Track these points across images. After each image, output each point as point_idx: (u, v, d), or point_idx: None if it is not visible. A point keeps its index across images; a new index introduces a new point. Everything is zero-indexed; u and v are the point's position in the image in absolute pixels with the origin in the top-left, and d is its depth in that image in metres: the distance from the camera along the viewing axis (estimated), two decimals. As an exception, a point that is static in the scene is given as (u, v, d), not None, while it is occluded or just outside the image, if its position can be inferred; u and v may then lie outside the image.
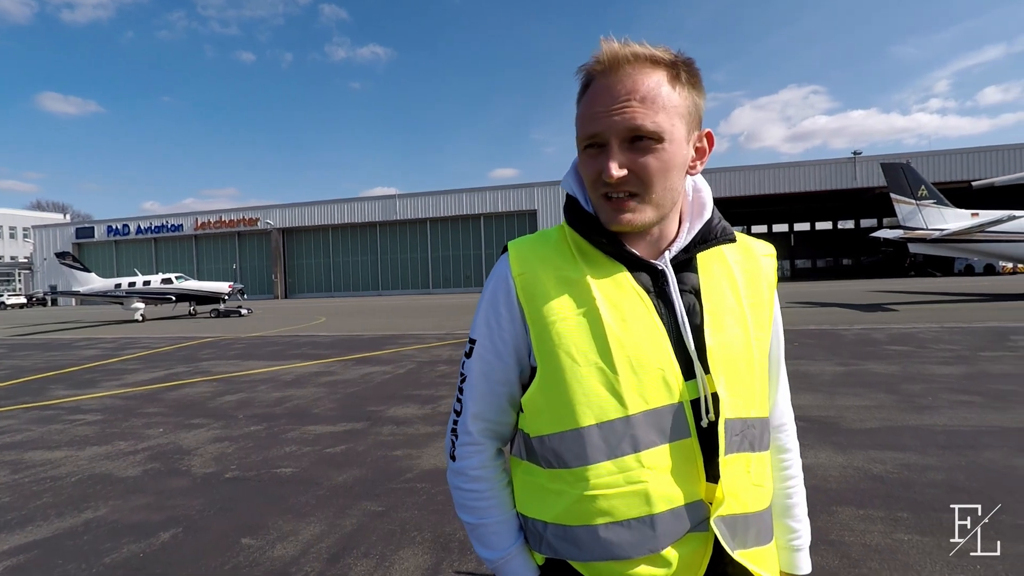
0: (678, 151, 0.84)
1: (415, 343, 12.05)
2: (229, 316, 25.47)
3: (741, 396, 0.87)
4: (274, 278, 55.89)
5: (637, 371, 0.83)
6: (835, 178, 43.99)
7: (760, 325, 0.92)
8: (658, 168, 0.82)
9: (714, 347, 0.85)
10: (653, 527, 0.82)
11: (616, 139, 0.81)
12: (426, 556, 2.83)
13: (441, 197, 52.19)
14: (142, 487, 4.02)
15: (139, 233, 59.79)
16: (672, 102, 0.82)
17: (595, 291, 0.86)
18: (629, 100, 0.80)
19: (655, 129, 0.80)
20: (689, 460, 0.84)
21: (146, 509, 3.61)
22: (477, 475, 0.94)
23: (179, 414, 6.24)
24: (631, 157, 0.81)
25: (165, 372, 9.43)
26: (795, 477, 1.04)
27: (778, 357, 0.99)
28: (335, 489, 3.80)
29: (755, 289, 0.93)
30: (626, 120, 0.80)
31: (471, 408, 0.95)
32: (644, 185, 0.83)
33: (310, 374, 8.60)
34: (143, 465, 4.51)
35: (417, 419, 5.58)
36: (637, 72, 0.81)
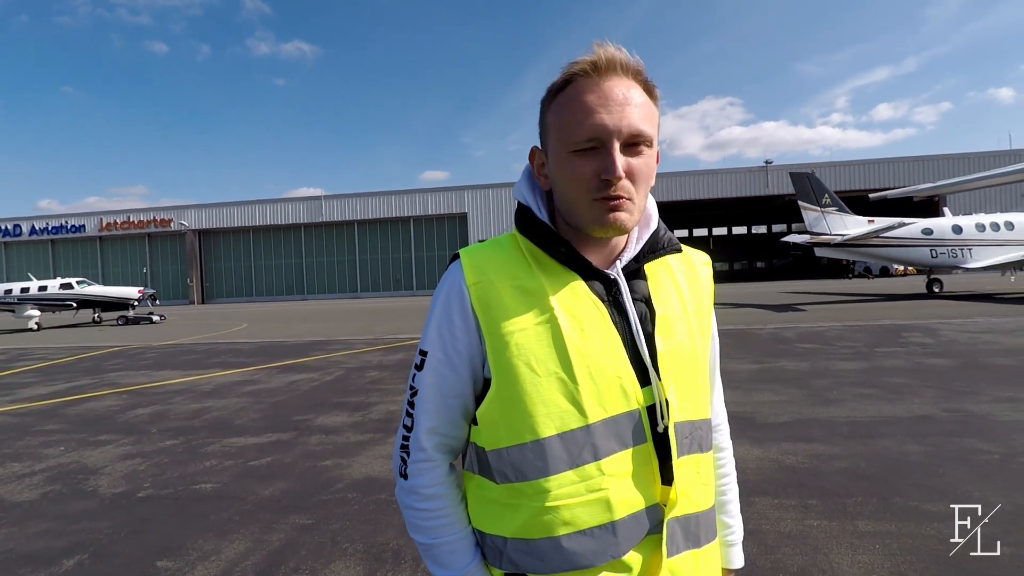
0: (655, 159, 0.89)
1: (343, 349, 11.73)
2: (139, 323, 23.84)
3: (689, 400, 0.90)
4: (190, 282, 52.72)
5: (596, 380, 0.83)
6: (749, 185, 46.75)
7: (702, 331, 0.97)
8: (647, 172, 0.86)
9: (664, 353, 0.88)
10: (615, 533, 0.83)
11: (619, 140, 0.82)
12: (359, 568, 2.77)
13: (370, 199, 51.10)
14: (41, 511, 3.70)
15: (33, 234, 54.78)
16: (652, 112, 0.86)
17: (553, 301, 0.85)
18: (628, 104, 0.82)
19: (650, 134, 0.84)
20: (646, 464, 0.86)
21: (46, 535, 3.32)
22: (431, 493, 0.91)
23: (83, 430, 5.77)
24: (626, 159, 0.83)
25: (66, 385, 8.69)
26: (730, 475, 1.10)
27: (715, 361, 1.05)
28: (261, 504, 3.64)
29: (696, 297, 0.98)
30: (630, 122, 0.81)
31: (425, 423, 0.91)
32: (635, 187, 0.84)
33: (231, 383, 8.19)
34: (41, 488, 4.14)
35: (347, 427, 5.44)
36: (627, 79, 0.84)
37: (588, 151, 0.83)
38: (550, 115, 0.88)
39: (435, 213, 50.15)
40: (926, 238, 20.55)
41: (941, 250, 20.42)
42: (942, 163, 43.83)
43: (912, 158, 45.43)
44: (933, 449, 4.05)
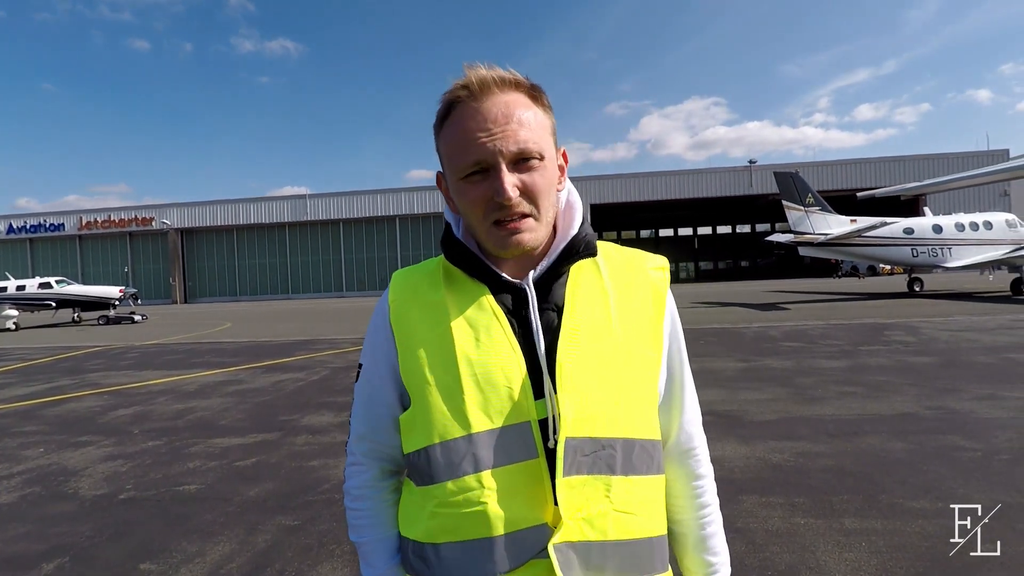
0: (553, 168, 0.88)
1: (329, 348, 11.64)
2: (120, 323, 23.47)
3: (595, 415, 0.82)
4: (172, 282, 52.00)
5: (484, 390, 0.82)
6: (734, 185, 47.17)
7: (639, 342, 0.89)
8: (544, 186, 0.84)
9: (563, 364, 0.83)
10: (491, 550, 0.80)
11: (504, 161, 0.81)
12: (346, 570, 2.75)
13: (355, 198, 50.77)
14: (19, 515, 3.62)
15: (11, 233, 53.72)
16: (540, 121, 0.85)
17: (452, 313, 0.87)
18: (508, 122, 0.81)
19: (538, 149, 0.83)
20: (535, 482, 0.80)
21: (25, 539, 3.26)
22: (358, 495, 0.97)
23: (63, 432, 5.66)
24: (518, 178, 0.82)
25: (45, 386, 8.53)
26: (709, 505, 0.98)
27: (679, 377, 0.96)
28: (246, 505, 3.59)
29: (634, 304, 0.91)
30: (511, 141, 0.81)
31: (356, 430, 0.98)
32: (535, 204, 0.84)
33: (215, 383, 8.09)
34: (20, 490, 4.06)
35: (333, 427, 5.39)
36: (507, 95, 0.83)
37: (477, 176, 0.83)
38: (440, 144, 0.88)
39: (420, 212, 49.94)
40: (907, 237, 20.88)
41: (922, 249, 20.75)
42: (923, 163, 44.60)
43: (893, 158, 46.17)
44: (916, 447, 4.10)
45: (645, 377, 0.88)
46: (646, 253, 0.99)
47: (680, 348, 0.96)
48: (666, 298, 0.94)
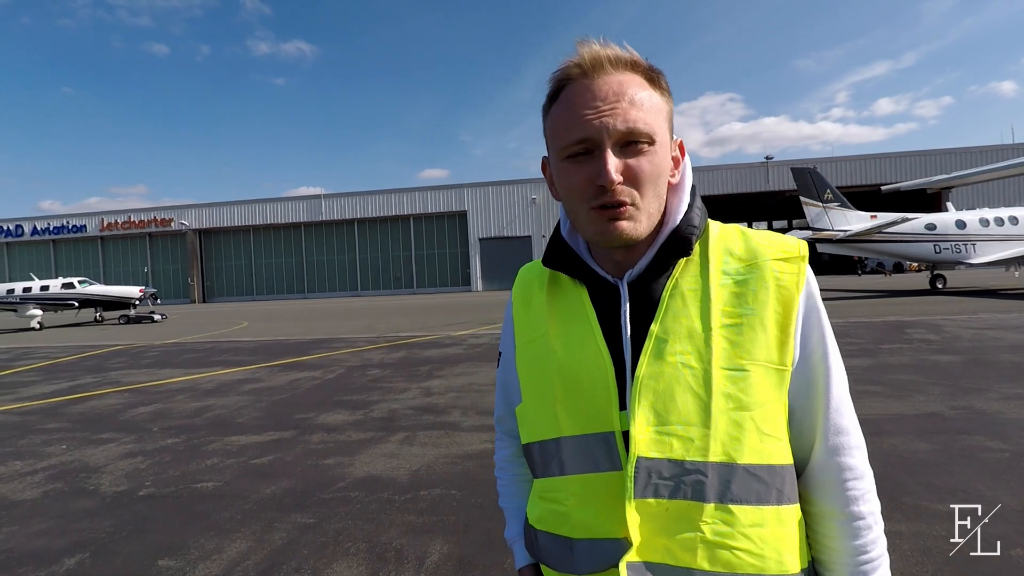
0: (666, 156, 0.81)
1: (345, 347, 11.71)
2: (141, 322, 23.82)
3: (675, 435, 0.75)
4: (191, 281, 52.72)
5: (572, 395, 0.82)
6: (750, 181, 46.60)
7: (750, 352, 0.77)
8: (651, 172, 0.78)
9: (641, 377, 0.77)
10: (572, 550, 0.81)
11: (610, 141, 0.76)
12: (361, 568, 2.74)
13: (369, 197, 51.03)
14: (42, 510, 3.67)
15: (35, 234, 54.80)
16: (656, 105, 0.79)
17: (551, 315, 0.88)
18: (619, 101, 0.76)
19: (648, 131, 0.77)
20: (615, 494, 0.77)
21: (47, 534, 3.30)
22: (500, 467, 1.10)
23: (85, 429, 5.75)
24: (624, 161, 0.77)
25: (69, 384, 8.67)
26: (868, 553, 0.78)
27: (819, 391, 0.80)
28: (262, 502, 3.61)
29: (747, 307, 0.79)
30: (619, 121, 0.75)
31: (496, 410, 1.08)
32: (638, 191, 0.78)
33: (233, 382, 8.17)
34: (43, 486, 4.12)
35: (349, 425, 5.41)
36: (619, 74, 0.78)
37: (580, 157, 0.79)
38: (546, 124, 0.84)
39: (435, 211, 50.06)
40: (929, 233, 20.46)
41: (944, 245, 20.33)
42: (945, 157, 43.69)
43: (914, 152, 45.26)
44: (941, 447, 4.00)
45: (758, 392, 0.76)
46: (778, 240, 0.83)
47: (823, 356, 0.80)
48: (798, 298, 0.80)
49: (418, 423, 5.36)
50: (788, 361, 0.78)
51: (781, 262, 0.81)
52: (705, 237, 0.85)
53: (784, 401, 0.79)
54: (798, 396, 0.80)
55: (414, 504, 3.47)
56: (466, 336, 12.72)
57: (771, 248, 0.83)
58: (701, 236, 0.85)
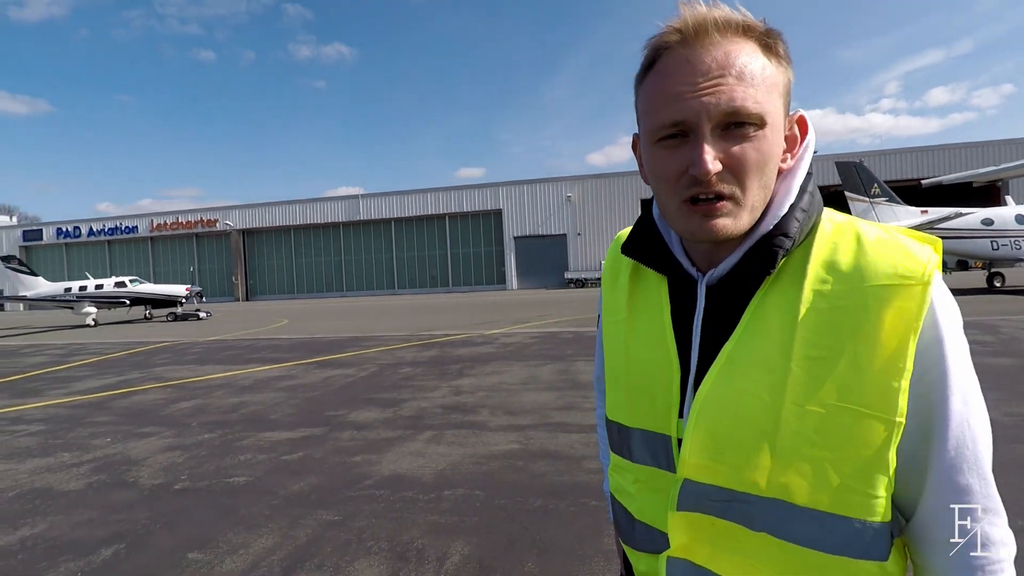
0: (777, 139, 0.69)
1: (378, 345, 11.86)
2: (187, 320, 24.68)
3: (728, 465, 0.70)
4: (235, 280, 54.43)
5: (637, 391, 0.81)
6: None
7: (826, 392, 0.66)
8: (757, 161, 0.67)
9: (703, 400, 0.72)
10: (633, 528, 0.85)
11: (709, 124, 0.65)
12: (383, 567, 2.75)
13: (406, 197, 51.67)
14: (85, 501, 3.82)
15: (91, 235, 57.49)
16: (770, 78, 0.67)
17: (630, 302, 0.86)
18: (724, 75, 0.64)
19: (757, 111, 0.65)
20: (667, 491, 0.77)
21: (88, 524, 3.43)
22: (598, 424, 1.12)
23: (129, 423, 5.97)
24: (724, 147, 0.66)
25: (116, 379, 9.04)
26: None
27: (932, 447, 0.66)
28: (290, 498, 3.67)
29: (835, 340, 0.66)
30: (723, 100, 0.64)
31: (595, 370, 1.10)
32: (739, 183, 0.67)
33: (269, 378, 8.37)
34: (87, 477, 4.29)
35: (378, 423, 5.46)
36: (728, 42, 0.66)
37: (673, 140, 0.68)
38: (639, 99, 0.73)
39: (470, 210, 50.34)
40: (986, 229, 19.43)
41: (1003, 241, 19.28)
42: (1003, 148, 41.44)
43: (969, 144, 43.08)
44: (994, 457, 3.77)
45: (841, 437, 0.65)
46: (901, 254, 0.67)
47: (942, 404, 0.65)
48: (911, 334, 0.64)
49: (446, 422, 5.38)
50: (893, 410, 0.64)
51: (891, 288, 0.65)
52: (810, 241, 0.71)
53: (888, 454, 0.65)
54: (909, 446, 0.67)
55: (437, 504, 3.47)
56: (498, 335, 12.73)
57: (885, 267, 0.66)
58: (804, 241, 0.71)
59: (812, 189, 0.74)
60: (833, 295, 0.67)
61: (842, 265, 0.68)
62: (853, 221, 0.72)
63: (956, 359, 0.65)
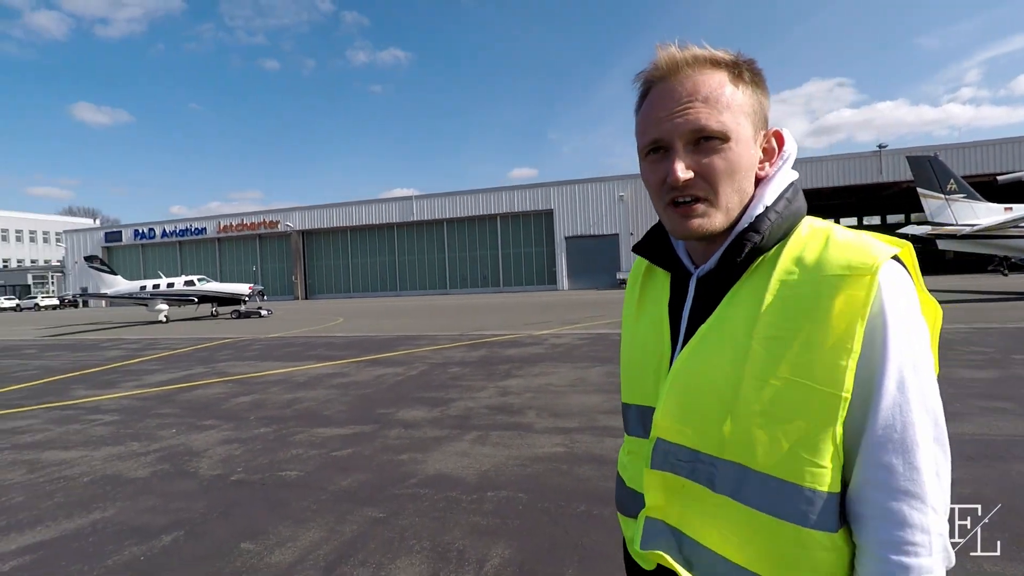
0: (744, 151, 0.82)
1: (429, 344, 12.03)
2: (249, 317, 25.77)
3: (694, 427, 0.83)
4: (294, 279, 56.49)
5: (635, 369, 0.97)
6: (859, 173, 43.03)
7: (781, 368, 0.75)
8: (725, 169, 0.80)
9: (676, 368, 0.86)
10: (625, 495, 0.99)
11: (680, 141, 0.80)
12: (423, 566, 2.77)
13: (458, 198, 52.23)
14: (149, 489, 4.03)
15: (164, 236, 60.93)
16: (736, 101, 0.81)
17: (641, 296, 1.01)
18: (692, 101, 0.79)
19: (720, 128, 0.79)
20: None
21: (151, 511, 3.61)
22: None
23: (192, 415, 6.28)
24: (696, 159, 0.80)
25: (183, 373, 9.54)
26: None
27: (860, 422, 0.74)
28: (338, 494, 3.76)
29: (792, 322, 0.75)
30: (690, 120, 0.79)
31: None
32: (711, 188, 0.81)
33: (323, 376, 8.63)
34: (153, 466, 4.53)
35: (425, 422, 5.53)
36: (698, 73, 0.81)
37: (655, 155, 0.84)
38: (636, 124, 0.90)
39: (521, 210, 50.38)
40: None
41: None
42: (1099, 142, 38.02)
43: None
44: (1082, 474, 3.45)
45: (792, 409, 0.75)
46: (855, 250, 0.76)
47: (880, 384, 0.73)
48: (859, 319, 0.73)
49: (492, 423, 5.39)
50: (842, 387, 0.73)
51: (843, 278, 0.75)
52: (786, 242, 0.83)
53: (834, 427, 0.75)
54: (852, 422, 0.75)
55: (480, 505, 3.47)
56: (547, 336, 12.68)
57: (841, 260, 0.76)
58: (782, 239, 0.83)
59: (791, 196, 0.85)
60: (795, 284, 0.78)
61: (807, 260, 0.79)
62: (831, 226, 0.83)
63: (898, 346, 0.73)
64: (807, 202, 0.88)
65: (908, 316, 0.74)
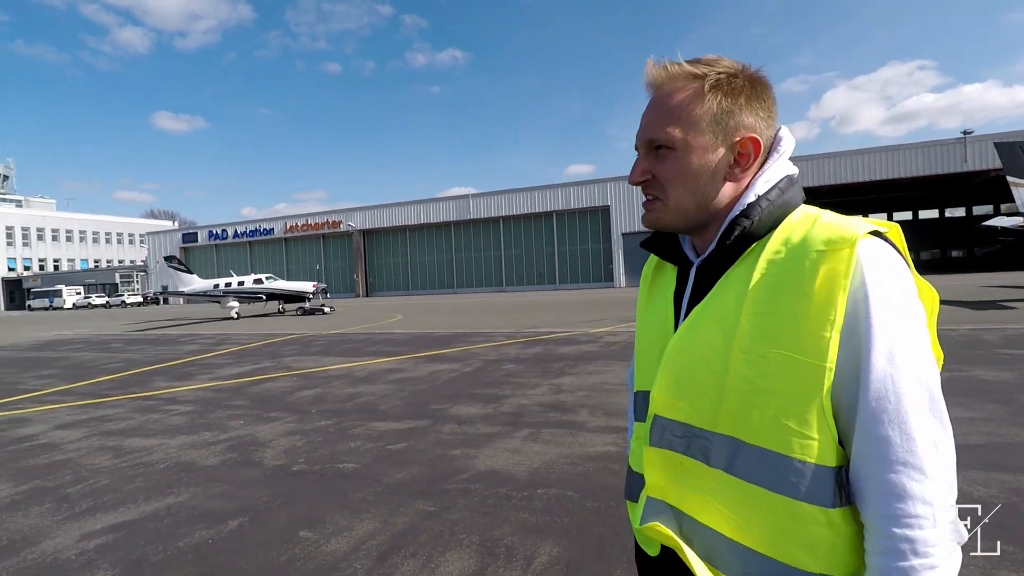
0: (697, 158, 0.88)
1: (484, 341, 12.15)
2: (314, 314, 26.76)
3: (688, 402, 0.87)
4: (356, 277, 58.28)
5: (642, 357, 1.02)
6: (941, 161, 40.19)
7: (768, 340, 0.78)
8: (672, 174, 0.89)
9: (670, 347, 0.91)
10: (631, 481, 1.04)
11: (641, 148, 0.93)
12: (472, 560, 2.80)
13: (514, 195, 52.41)
14: (219, 476, 4.26)
15: (236, 237, 64.21)
16: (696, 113, 0.87)
17: (649, 291, 1.06)
18: (653, 113, 0.90)
19: (667, 138, 0.88)
20: None
21: (220, 497, 3.82)
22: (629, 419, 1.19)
23: (259, 407, 6.59)
24: (652, 163, 0.91)
25: (251, 367, 10.03)
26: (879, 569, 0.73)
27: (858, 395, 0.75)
28: (392, 487, 3.85)
29: (777, 297, 0.79)
30: (644, 130, 0.91)
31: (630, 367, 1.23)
32: (662, 189, 0.91)
33: (382, 371, 8.87)
34: (222, 455, 4.79)
35: (478, 418, 5.59)
36: (668, 87, 0.89)
37: None
38: None
39: (577, 207, 50.01)
40: None
41: None
42: None
43: None
44: None
45: (780, 381, 0.78)
46: (832, 228, 0.79)
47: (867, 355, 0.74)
48: (839, 291, 0.75)
49: (544, 420, 5.38)
50: (825, 358, 0.75)
51: (823, 252, 0.78)
52: (777, 228, 0.86)
53: (821, 398, 0.76)
54: (843, 395, 0.77)
55: (530, 502, 3.48)
56: (603, 333, 12.55)
57: (822, 237, 0.79)
58: (775, 226, 0.86)
59: (784, 186, 0.89)
60: (780, 262, 0.81)
61: (793, 240, 0.82)
62: (822, 212, 0.85)
63: (884, 318, 0.74)
64: (884, 193, 0.88)
65: (894, 289, 0.76)
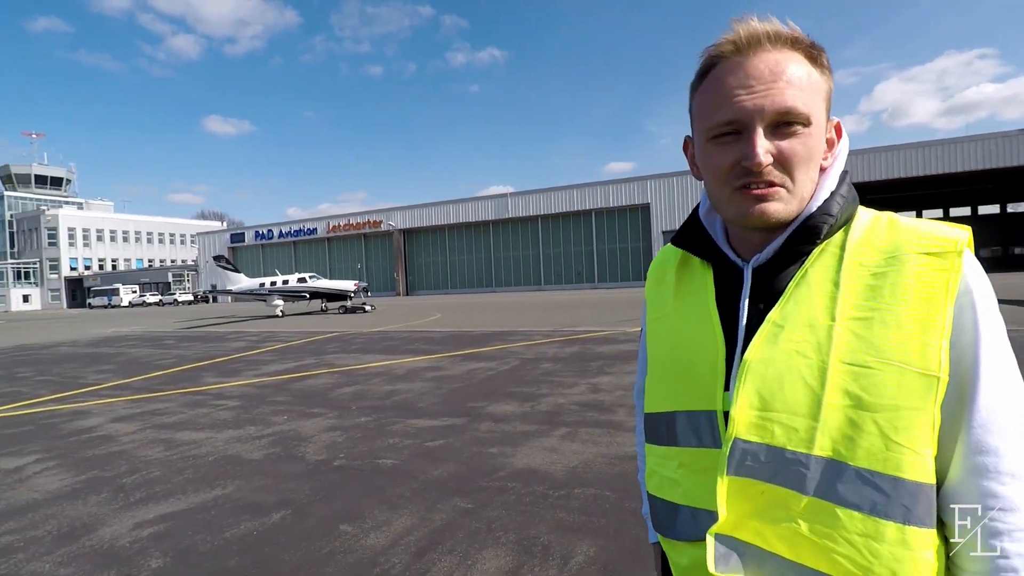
0: (820, 138, 0.78)
1: (522, 340, 12.15)
2: (355, 312, 27.31)
3: (778, 422, 0.74)
4: (396, 276, 59.18)
5: (683, 372, 0.85)
6: (1002, 154, 38.09)
7: (872, 350, 0.70)
8: (804, 155, 0.76)
9: (748, 360, 0.76)
10: (677, 515, 0.85)
11: (762, 123, 0.74)
12: (508, 558, 2.80)
13: (552, 194, 52.27)
14: (263, 470, 4.38)
15: (281, 237, 66.09)
16: (815, 85, 0.76)
17: (676, 294, 0.91)
18: (776, 80, 0.74)
19: (806, 112, 0.74)
20: (714, 470, 0.79)
21: (264, 490, 3.93)
22: (639, 441, 1.08)
23: (302, 403, 6.76)
24: (775, 143, 0.75)
25: (295, 364, 10.29)
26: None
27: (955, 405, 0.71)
28: (429, 483, 3.89)
29: (880, 301, 0.72)
30: (776, 101, 0.73)
31: (636, 384, 1.11)
32: (788, 174, 0.76)
33: (420, 369, 8.97)
34: (266, 449, 4.92)
35: (515, 417, 5.59)
36: (778, 52, 0.75)
37: (728, 138, 0.77)
38: (693, 103, 0.83)
39: (616, 205, 49.51)
40: None
41: None
42: None
43: None
44: None
45: (888, 394, 0.69)
46: (931, 231, 0.74)
47: (974, 363, 0.70)
48: (947, 298, 0.70)
49: (582, 419, 5.35)
50: (936, 367, 0.69)
51: (928, 256, 0.72)
52: (849, 226, 0.80)
53: (932, 411, 0.69)
54: (947, 407, 0.70)
55: (567, 501, 3.45)
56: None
57: (918, 240, 0.74)
58: (844, 225, 0.79)
59: (849, 183, 0.82)
60: (873, 265, 0.74)
61: (880, 242, 0.76)
62: (887, 212, 0.80)
63: (990, 326, 0.71)
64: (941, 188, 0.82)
65: (992, 299, 0.73)
